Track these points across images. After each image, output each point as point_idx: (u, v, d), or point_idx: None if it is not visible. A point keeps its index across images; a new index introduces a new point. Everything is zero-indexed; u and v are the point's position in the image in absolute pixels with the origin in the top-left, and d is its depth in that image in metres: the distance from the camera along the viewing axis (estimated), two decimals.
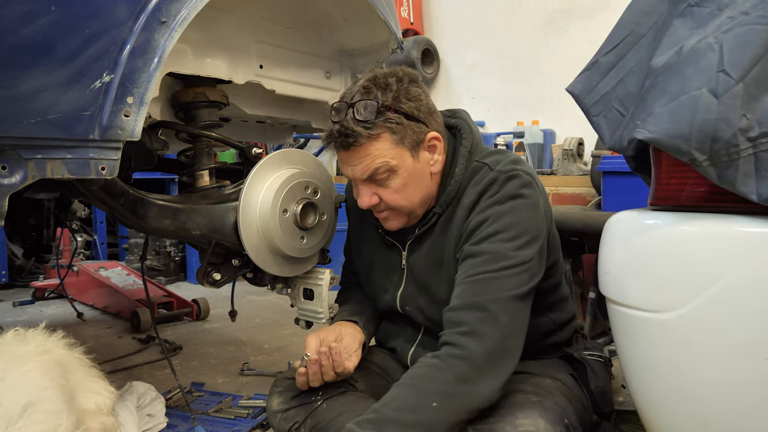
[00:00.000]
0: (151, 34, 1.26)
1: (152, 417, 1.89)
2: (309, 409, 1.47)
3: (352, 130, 1.30)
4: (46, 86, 1.13)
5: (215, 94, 1.77)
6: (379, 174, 1.34)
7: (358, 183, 1.40)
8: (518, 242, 1.29)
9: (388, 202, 1.38)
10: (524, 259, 1.28)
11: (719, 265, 0.88)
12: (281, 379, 1.59)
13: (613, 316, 1.11)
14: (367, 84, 1.35)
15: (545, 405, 1.28)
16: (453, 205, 1.42)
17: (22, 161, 1.13)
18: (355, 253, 1.70)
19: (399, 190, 1.36)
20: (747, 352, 0.85)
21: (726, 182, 0.86)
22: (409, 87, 1.36)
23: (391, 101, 1.32)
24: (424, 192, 1.41)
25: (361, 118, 1.29)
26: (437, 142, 1.39)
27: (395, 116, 1.31)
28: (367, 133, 1.30)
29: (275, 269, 1.69)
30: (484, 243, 1.30)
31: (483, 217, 1.32)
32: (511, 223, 1.30)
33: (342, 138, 1.31)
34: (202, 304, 3.56)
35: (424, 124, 1.36)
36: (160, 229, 1.61)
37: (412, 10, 5.28)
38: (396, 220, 1.43)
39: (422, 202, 1.42)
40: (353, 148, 1.32)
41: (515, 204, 1.31)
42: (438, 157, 1.40)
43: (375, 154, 1.32)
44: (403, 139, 1.33)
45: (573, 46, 4.40)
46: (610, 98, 1.13)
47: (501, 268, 1.27)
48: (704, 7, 0.93)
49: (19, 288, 4.49)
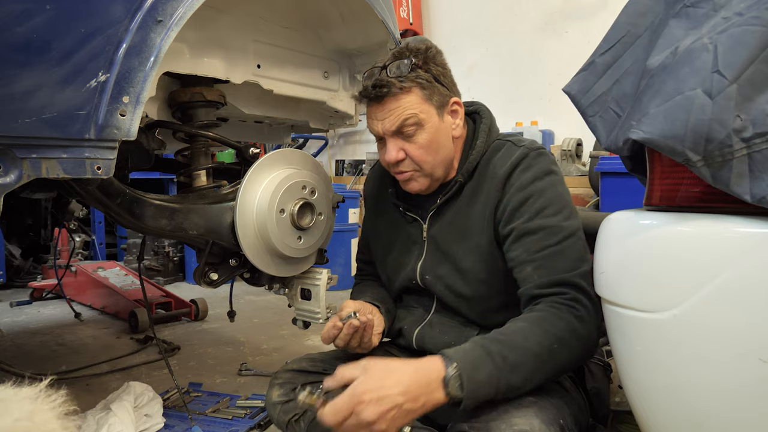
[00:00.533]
0: (147, 33, 1.26)
1: (149, 417, 1.90)
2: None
3: (386, 81, 1.40)
4: (41, 85, 1.13)
5: (212, 93, 1.77)
6: (408, 126, 1.42)
7: (386, 138, 1.46)
8: (564, 213, 1.38)
9: (413, 157, 1.45)
10: (574, 228, 1.38)
11: (713, 265, 0.88)
12: (282, 371, 1.61)
13: (608, 316, 1.11)
14: (400, 49, 1.48)
15: (541, 405, 1.28)
16: (477, 176, 1.49)
17: (16, 161, 1.12)
18: (372, 237, 1.73)
19: (425, 145, 1.44)
20: (740, 352, 0.85)
21: (720, 183, 0.86)
22: (437, 55, 1.48)
23: (422, 62, 1.43)
24: (446, 152, 1.48)
25: (395, 73, 1.41)
26: (459, 107, 1.50)
27: (425, 75, 1.42)
28: (400, 84, 1.40)
29: (272, 269, 1.69)
30: (536, 219, 1.37)
31: (526, 194, 1.39)
32: (553, 197, 1.39)
33: (376, 89, 1.41)
34: (200, 305, 3.56)
35: (448, 89, 1.47)
36: (157, 229, 1.61)
37: (412, 11, 5.28)
38: (418, 182, 1.49)
39: (444, 162, 1.49)
40: (386, 100, 1.42)
41: (552, 180, 1.41)
42: (459, 122, 1.50)
43: (405, 105, 1.41)
44: (431, 97, 1.43)
45: (572, 47, 4.41)
46: (606, 99, 1.13)
47: (561, 239, 1.35)
48: (699, 7, 0.93)
49: (16, 288, 4.49)
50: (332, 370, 1.48)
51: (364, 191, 1.79)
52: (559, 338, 1.24)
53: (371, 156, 5.70)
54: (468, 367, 1.17)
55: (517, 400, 1.29)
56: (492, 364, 1.18)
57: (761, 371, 0.83)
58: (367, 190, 1.77)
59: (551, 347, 1.23)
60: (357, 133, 6.14)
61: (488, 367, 1.18)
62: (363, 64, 2.16)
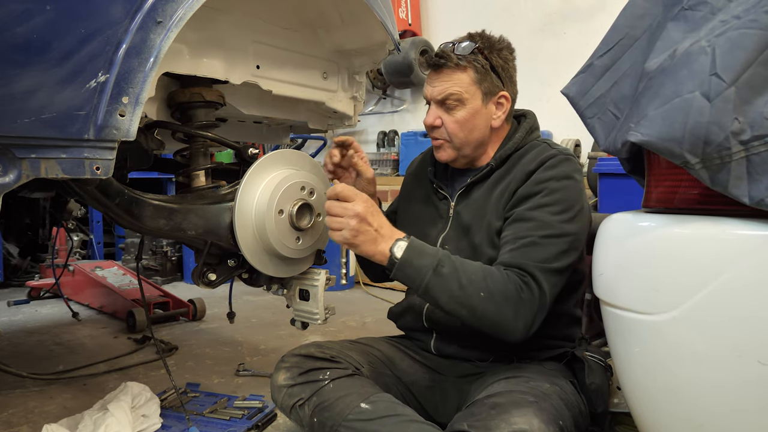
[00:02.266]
0: (147, 34, 1.26)
1: (147, 418, 1.89)
2: (315, 387, 1.50)
3: (447, 54, 1.55)
4: (41, 85, 1.13)
5: (212, 94, 1.76)
6: (451, 100, 1.56)
7: (433, 104, 1.61)
8: (564, 216, 1.47)
9: (447, 128, 1.59)
10: (567, 232, 1.46)
11: (712, 267, 0.88)
12: (289, 355, 1.63)
13: (606, 317, 1.12)
14: (474, 33, 1.62)
15: (541, 406, 1.29)
16: (508, 165, 1.61)
17: (16, 161, 1.12)
18: (401, 210, 1.88)
19: (460, 121, 1.58)
20: (738, 354, 0.85)
21: (718, 185, 0.87)
22: (505, 51, 1.61)
23: (486, 50, 1.57)
24: (479, 135, 1.61)
25: (458, 51, 1.55)
26: (506, 101, 1.62)
27: (483, 61, 1.56)
28: (457, 61, 1.54)
29: (271, 270, 1.69)
30: (535, 211, 1.47)
31: (538, 188, 1.50)
32: (561, 198, 1.48)
33: (437, 58, 1.57)
34: (198, 305, 3.55)
35: (502, 83, 1.60)
36: (156, 229, 1.61)
37: (410, 11, 5.28)
38: (446, 151, 1.63)
39: (474, 143, 1.62)
40: (442, 70, 1.57)
41: (568, 184, 1.51)
42: (501, 115, 1.62)
43: (455, 80, 1.55)
44: (481, 82, 1.56)
45: (570, 48, 4.41)
46: (604, 101, 1.13)
47: (546, 236, 1.44)
48: (697, 10, 0.93)
49: (14, 287, 4.48)
50: (340, 357, 1.54)
51: (407, 170, 1.93)
52: (491, 291, 1.37)
53: (369, 156, 5.69)
54: (416, 249, 1.40)
55: (516, 401, 1.30)
56: (431, 264, 1.38)
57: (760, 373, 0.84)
58: (410, 169, 1.91)
59: (478, 293, 1.36)
60: (355, 134, 6.14)
61: (426, 262, 1.38)
62: (362, 65, 2.16)
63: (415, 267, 1.39)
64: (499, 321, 1.38)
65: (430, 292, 1.39)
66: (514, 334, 1.39)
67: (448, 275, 1.38)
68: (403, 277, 1.41)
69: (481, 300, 1.36)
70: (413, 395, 1.64)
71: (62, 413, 2.06)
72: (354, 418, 1.39)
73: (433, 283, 1.38)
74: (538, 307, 1.39)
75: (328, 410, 1.44)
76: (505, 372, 1.52)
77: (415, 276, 1.39)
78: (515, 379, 1.45)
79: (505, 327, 1.38)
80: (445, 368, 1.66)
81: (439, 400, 1.65)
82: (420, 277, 1.38)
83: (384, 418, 1.36)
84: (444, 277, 1.38)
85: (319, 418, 1.45)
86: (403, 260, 1.39)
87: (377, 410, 1.39)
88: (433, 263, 1.38)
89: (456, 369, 1.64)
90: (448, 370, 1.66)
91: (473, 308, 1.37)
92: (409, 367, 1.68)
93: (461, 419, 1.28)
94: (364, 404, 1.41)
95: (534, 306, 1.38)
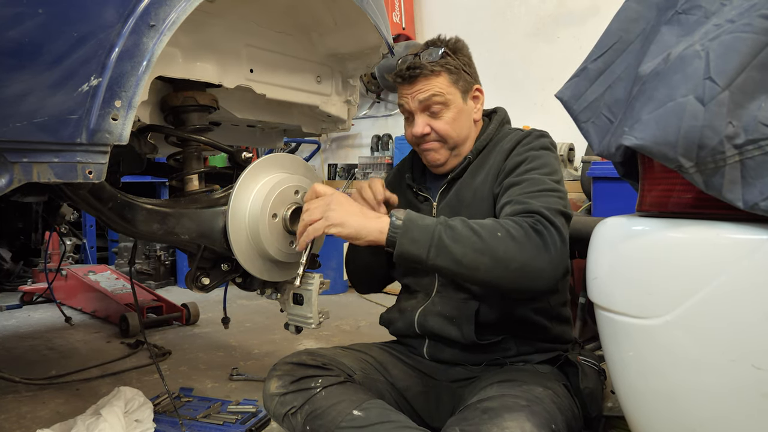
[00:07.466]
0: (140, 37, 1.25)
1: (140, 422, 1.88)
2: (307, 395, 1.49)
3: (419, 64, 1.59)
4: (33, 89, 1.12)
5: (205, 98, 1.76)
6: (435, 104, 1.60)
7: (415, 114, 1.64)
8: (553, 177, 1.51)
9: (440, 131, 1.62)
10: (559, 189, 1.48)
11: (706, 271, 0.88)
12: (281, 363, 1.62)
13: (600, 321, 1.11)
14: (433, 39, 1.69)
15: (533, 410, 1.29)
16: (484, 153, 1.67)
17: (7, 165, 1.11)
18: None
19: (450, 122, 1.62)
20: (732, 358, 0.85)
21: (712, 189, 0.87)
22: (465, 49, 1.69)
23: (452, 52, 1.63)
24: (467, 131, 1.68)
25: (427, 59, 1.59)
26: (480, 94, 1.71)
27: (453, 62, 1.61)
28: (431, 67, 1.59)
29: (264, 274, 1.68)
30: (524, 175, 1.51)
31: (521, 158, 1.55)
32: (545, 163, 1.53)
33: (409, 71, 1.60)
34: (191, 309, 3.54)
35: (473, 78, 1.68)
36: (149, 233, 1.60)
37: (404, 15, 5.29)
38: (440, 153, 1.66)
39: (464, 139, 1.67)
40: (417, 80, 1.60)
41: (547, 153, 1.57)
42: (480, 107, 1.72)
43: (433, 85, 1.60)
44: (457, 81, 1.62)
45: (563, 52, 4.42)
46: (598, 105, 1.13)
47: (542, 190, 1.46)
48: (691, 14, 0.93)
49: (7, 292, 4.45)
50: (332, 365, 1.53)
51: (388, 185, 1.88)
52: (508, 231, 1.33)
53: (363, 160, 5.70)
54: (416, 214, 1.38)
55: (508, 404, 1.29)
56: (437, 221, 1.35)
57: (754, 377, 0.84)
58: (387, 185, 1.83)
59: (495, 233, 1.32)
60: (349, 138, 6.14)
61: (430, 221, 1.36)
62: (356, 69, 2.16)
63: (421, 226, 1.34)
64: (525, 260, 1.30)
65: (443, 249, 1.31)
66: (543, 275, 1.32)
67: (458, 226, 1.33)
68: (409, 242, 1.33)
69: (500, 240, 1.30)
70: (407, 401, 1.64)
71: (55, 418, 2.05)
72: (346, 425, 1.38)
73: (446, 235, 1.32)
74: (559, 241, 1.34)
75: (321, 418, 1.43)
76: (498, 376, 1.51)
77: (422, 236, 1.32)
78: (508, 383, 1.45)
79: (532, 266, 1.31)
80: (438, 373, 1.66)
81: (432, 405, 1.64)
82: (429, 233, 1.32)
83: (376, 425, 1.36)
84: (454, 228, 1.33)
85: (311, 426, 1.44)
86: (407, 222, 1.34)
87: (370, 417, 1.38)
88: (440, 220, 1.35)
89: (449, 374, 1.64)
90: (441, 374, 1.65)
91: (494, 251, 1.30)
92: (402, 373, 1.67)
93: (454, 424, 1.28)
94: (356, 411, 1.40)
95: (554, 239, 1.33)
